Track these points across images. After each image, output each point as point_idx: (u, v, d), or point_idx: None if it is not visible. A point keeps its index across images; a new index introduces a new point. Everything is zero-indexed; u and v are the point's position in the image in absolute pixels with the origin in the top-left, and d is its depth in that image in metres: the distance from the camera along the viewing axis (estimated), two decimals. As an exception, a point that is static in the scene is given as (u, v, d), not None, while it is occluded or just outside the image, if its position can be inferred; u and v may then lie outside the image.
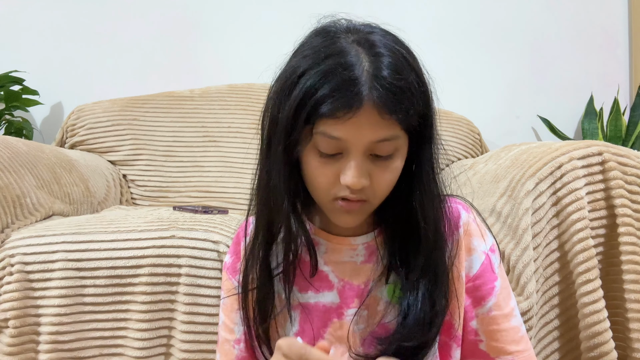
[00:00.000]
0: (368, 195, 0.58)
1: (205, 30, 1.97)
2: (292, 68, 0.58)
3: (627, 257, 0.88)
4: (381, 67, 0.54)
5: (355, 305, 0.66)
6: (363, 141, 0.55)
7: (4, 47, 1.95)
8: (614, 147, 0.91)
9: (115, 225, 1.02)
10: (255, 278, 0.66)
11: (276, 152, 0.59)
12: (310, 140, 0.56)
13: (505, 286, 0.68)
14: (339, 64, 0.54)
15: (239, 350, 0.71)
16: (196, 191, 1.65)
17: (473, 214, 0.68)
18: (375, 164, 0.57)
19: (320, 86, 0.54)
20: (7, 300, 0.94)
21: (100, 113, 1.70)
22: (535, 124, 2.00)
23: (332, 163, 0.57)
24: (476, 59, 1.97)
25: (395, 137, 0.56)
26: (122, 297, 0.95)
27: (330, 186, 0.58)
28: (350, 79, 0.53)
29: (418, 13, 1.93)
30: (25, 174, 1.15)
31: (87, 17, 1.96)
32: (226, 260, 0.73)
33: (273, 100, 0.60)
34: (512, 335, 0.66)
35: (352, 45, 0.56)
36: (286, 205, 0.61)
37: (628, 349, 0.89)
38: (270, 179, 0.61)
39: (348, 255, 0.67)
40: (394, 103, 0.53)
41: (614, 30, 1.99)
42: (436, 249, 0.63)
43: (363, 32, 0.58)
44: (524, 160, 0.94)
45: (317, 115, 0.54)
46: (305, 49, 0.59)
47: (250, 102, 1.75)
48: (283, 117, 0.57)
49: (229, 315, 0.72)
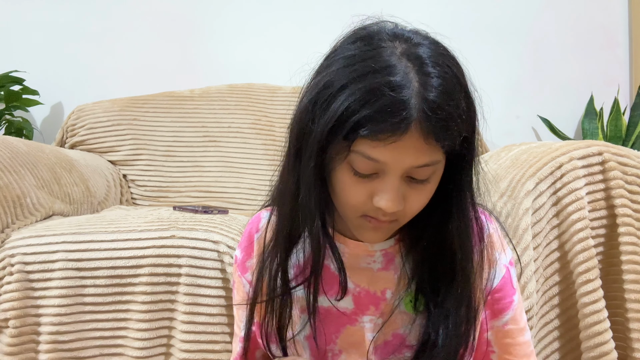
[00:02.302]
0: (399, 216, 0.56)
1: (205, 30, 1.97)
2: (329, 78, 0.53)
3: (627, 257, 0.88)
4: (432, 90, 0.50)
5: (370, 313, 0.65)
6: (403, 166, 0.52)
7: (4, 47, 1.95)
8: (614, 147, 0.91)
9: (116, 225, 1.02)
10: (276, 287, 0.63)
11: (307, 167, 0.55)
12: (345, 157, 0.53)
13: (520, 300, 0.67)
14: (385, 83, 0.49)
15: (242, 348, 0.70)
16: (196, 191, 1.65)
17: (495, 224, 0.67)
18: (410, 187, 0.54)
19: (363, 105, 0.49)
20: (7, 300, 0.94)
21: (100, 113, 1.70)
22: (535, 124, 2.00)
23: (366, 183, 0.54)
24: (476, 58, 1.97)
25: (437, 162, 0.53)
26: (122, 297, 0.95)
27: (360, 205, 0.55)
28: (398, 102, 0.49)
29: (417, 13, 1.93)
30: (25, 174, 1.15)
31: (87, 17, 1.96)
32: (237, 255, 0.71)
33: (306, 108, 0.55)
34: (524, 349, 0.66)
35: (401, 59, 0.51)
36: (317, 223, 0.57)
37: (628, 349, 0.89)
38: (299, 193, 0.57)
39: (365, 262, 0.65)
40: (443, 130, 0.50)
41: (614, 30, 1.99)
42: (471, 279, 0.61)
43: (411, 43, 0.53)
44: (524, 160, 0.94)
45: (356, 135, 0.50)
46: (344, 55, 0.54)
47: (250, 102, 1.75)
48: (317, 132, 0.53)
49: (237, 312, 0.72)
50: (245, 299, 0.69)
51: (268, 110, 1.73)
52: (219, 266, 0.94)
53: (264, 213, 0.70)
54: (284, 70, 1.87)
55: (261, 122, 1.71)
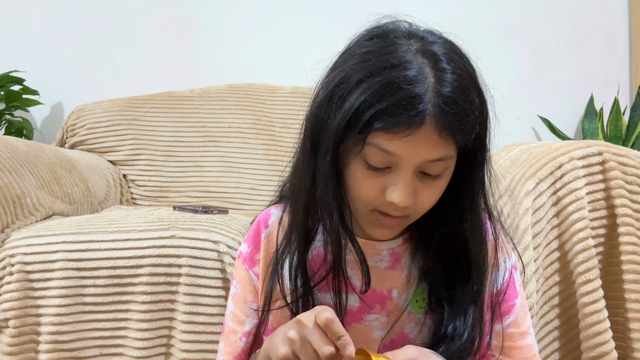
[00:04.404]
0: (410, 211, 0.56)
1: (205, 30, 1.97)
2: (345, 73, 0.54)
3: (627, 257, 0.88)
4: (446, 85, 0.51)
5: (376, 312, 0.65)
6: (417, 159, 0.53)
7: (4, 47, 1.95)
8: (614, 147, 0.91)
9: (116, 225, 1.02)
10: (297, 287, 0.63)
11: (324, 162, 0.56)
12: (360, 150, 0.54)
13: (523, 304, 0.67)
14: (401, 77, 0.50)
15: (246, 343, 0.69)
16: (196, 191, 1.65)
17: (498, 227, 0.67)
18: (422, 182, 0.55)
19: (379, 99, 0.50)
20: (7, 300, 0.94)
21: (100, 113, 1.70)
22: (535, 124, 2.00)
23: (379, 176, 0.55)
24: (476, 59, 1.96)
25: (450, 157, 0.54)
26: (122, 297, 0.95)
27: (372, 199, 0.56)
28: (414, 96, 0.50)
29: (417, 13, 1.93)
30: (25, 174, 1.15)
31: (87, 17, 1.96)
32: (242, 250, 0.70)
33: (322, 103, 0.56)
34: (525, 352, 0.66)
35: (416, 56, 0.52)
36: (336, 217, 0.57)
37: (628, 349, 0.89)
38: (316, 189, 0.58)
39: (372, 260, 0.65)
40: (457, 125, 0.51)
41: (614, 30, 1.99)
42: (485, 276, 0.61)
43: (426, 41, 0.54)
44: (524, 160, 0.94)
45: (372, 128, 0.51)
46: (361, 52, 0.55)
47: (250, 102, 1.75)
48: (334, 126, 0.54)
49: (240, 307, 0.69)
50: (252, 292, 0.68)
51: (268, 110, 1.73)
52: (219, 266, 0.94)
53: (273, 209, 0.70)
54: (284, 70, 1.87)
55: (261, 122, 1.71)
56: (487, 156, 0.59)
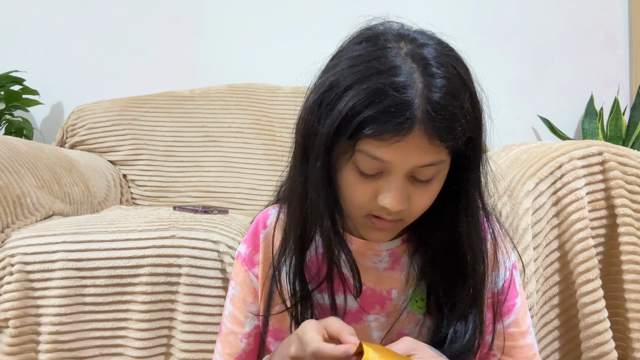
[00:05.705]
0: (403, 215, 0.56)
1: (205, 31, 1.97)
2: (335, 78, 0.54)
3: (627, 257, 0.88)
4: (435, 91, 0.50)
5: (375, 312, 0.65)
6: (407, 165, 0.52)
7: (4, 47, 1.95)
8: (614, 147, 0.91)
9: (116, 225, 1.02)
10: (296, 291, 0.63)
11: (314, 167, 0.56)
12: (351, 157, 0.53)
13: (523, 303, 0.67)
14: (390, 83, 0.50)
15: (247, 344, 0.68)
16: (196, 191, 1.65)
17: (497, 226, 0.67)
18: (414, 186, 0.55)
19: (367, 105, 0.50)
20: (7, 300, 0.94)
21: (100, 113, 1.70)
22: (535, 124, 2.00)
23: (371, 182, 0.54)
24: (476, 59, 1.96)
25: (441, 161, 0.54)
26: (122, 297, 0.95)
27: (365, 204, 0.56)
28: (402, 102, 0.49)
29: (416, 13, 1.93)
30: (25, 174, 1.15)
31: (87, 17, 1.96)
32: (241, 251, 0.70)
33: (312, 108, 0.56)
34: (525, 352, 0.66)
35: (405, 60, 0.51)
36: (326, 223, 0.58)
37: (628, 349, 0.89)
38: (308, 193, 0.58)
39: (371, 261, 0.65)
40: (446, 130, 0.50)
41: (614, 30, 1.99)
42: (484, 278, 0.61)
43: (417, 43, 0.53)
44: (524, 160, 0.94)
45: (361, 134, 0.51)
46: (350, 56, 0.54)
47: (250, 102, 1.75)
48: (324, 132, 0.53)
49: (240, 308, 0.69)
50: (252, 293, 0.68)
51: (268, 110, 1.73)
52: (219, 266, 0.94)
53: (271, 210, 0.70)
54: (284, 70, 1.87)
55: (261, 122, 1.71)
56: (483, 157, 0.58)
